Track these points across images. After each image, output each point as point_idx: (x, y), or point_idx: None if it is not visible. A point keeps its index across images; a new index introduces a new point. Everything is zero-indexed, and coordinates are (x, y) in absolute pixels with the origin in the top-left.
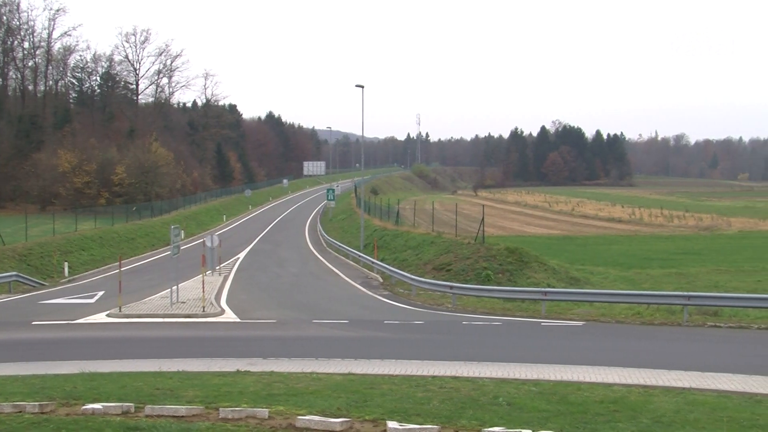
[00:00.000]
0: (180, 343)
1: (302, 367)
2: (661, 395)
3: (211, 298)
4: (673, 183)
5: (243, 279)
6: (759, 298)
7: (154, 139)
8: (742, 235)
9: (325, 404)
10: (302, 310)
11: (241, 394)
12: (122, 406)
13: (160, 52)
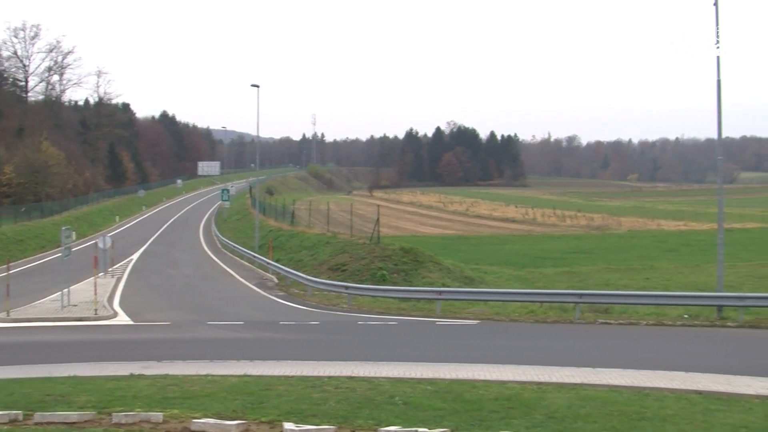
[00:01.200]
0: (71, 347)
1: (197, 370)
2: (554, 391)
3: (103, 301)
4: (566, 183)
5: (136, 281)
6: (648, 295)
7: (44, 138)
8: (631, 234)
9: (221, 407)
10: (197, 311)
11: (135, 398)
12: (9, 414)
13: (50, 49)
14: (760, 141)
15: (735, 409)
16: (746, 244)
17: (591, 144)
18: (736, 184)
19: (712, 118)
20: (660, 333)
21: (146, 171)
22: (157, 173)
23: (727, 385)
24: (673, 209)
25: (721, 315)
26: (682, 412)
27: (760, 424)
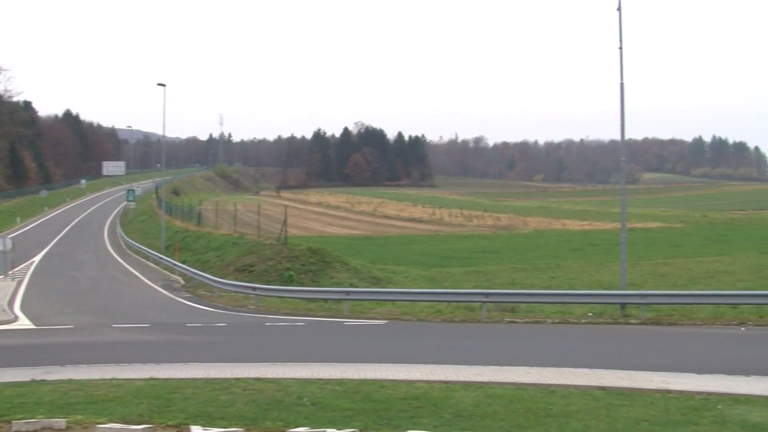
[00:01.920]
0: None
1: (102, 374)
2: (462, 390)
3: (3, 305)
4: (473, 184)
5: (38, 284)
6: (553, 294)
7: None
8: (537, 234)
9: (126, 411)
10: (101, 314)
11: (37, 404)
12: None
13: None
14: (661, 143)
15: (637, 403)
16: (648, 243)
17: (498, 145)
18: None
19: (615, 120)
20: (565, 331)
21: (49, 171)
22: (61, 173)
23: (629, 380)
24: (577, 209)
25: (625, 312)
26: (586, 408)
27: (660, 417)
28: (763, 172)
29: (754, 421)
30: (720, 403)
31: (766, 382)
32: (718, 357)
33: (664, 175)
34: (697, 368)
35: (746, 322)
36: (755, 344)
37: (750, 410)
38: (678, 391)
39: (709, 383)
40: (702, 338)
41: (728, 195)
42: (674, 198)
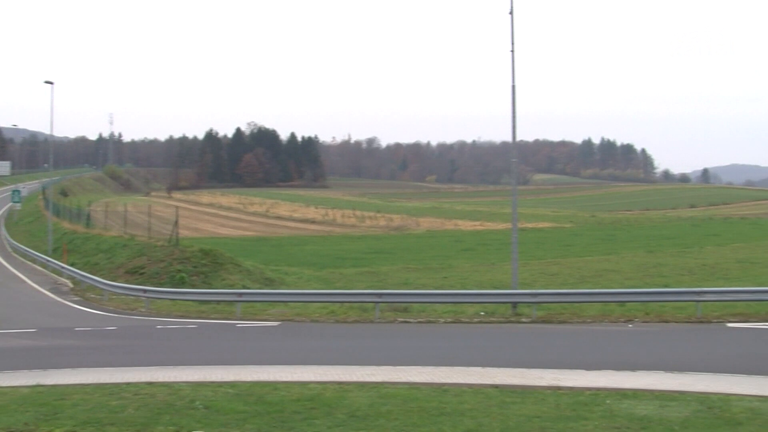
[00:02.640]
0: None
1: None
2: (356, 390)
3: None
4: (365, 185)
5: None
6: (445, 294)
7: None
8: (429, 234)
9: (11, 420)
10: None
11: None
12: None
13: None
14: (552, 144)
15: (529, 400)
16: (539, 243)
17: (391, 146)
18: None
19: (507, 122)
20: (458, 330)
21: None
22: None
23: (521, 378)
24: (469, 209)
25: (516, 311)
26: (479, 406)
27: (551, 413)
28: (649, 173)
29: (640, 414)
30: (608, 398)
31: (652, 377)
32: (606, 353)
33: (554, 176)
34: (587, 365)
35: (633, 319)
36: (641, 340)
37: (636, 404)
38: (568, 387)
39: (598, 379)
40: (591, 335)
41: (616, 195)
42: (564, 198)
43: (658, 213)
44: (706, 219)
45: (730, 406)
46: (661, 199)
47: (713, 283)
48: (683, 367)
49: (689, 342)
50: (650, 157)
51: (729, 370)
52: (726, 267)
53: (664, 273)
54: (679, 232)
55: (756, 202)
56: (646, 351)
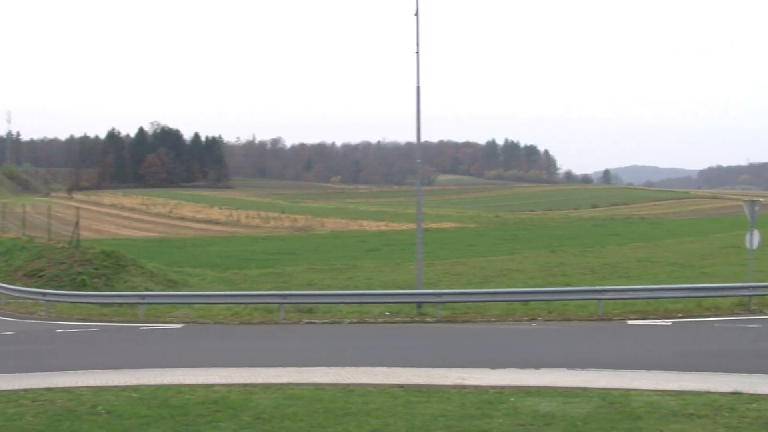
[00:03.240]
0: None
1: None
2: (261, 392)
3: None
4: (270, 185)
5: None
6: (350, 294)
7: None
8: (334, 235)
9: None
10: None
11: None
12: None
13: None
14: (456, 145)
15: (434, 399)
16: (443, 243)
17: (295, 146)
18: (434, 186)
19: (412, 123)
20: (363, 330)
21: None
22: None
23: (426, 377)
24: (374, 210)
25: (421, 311)
26: (385, 406)
27: (456, 412)
28: (552, 174)
29: (544, 411)
30: (513, 396)
31: (555, 374)
32: (510, 352)
33: (458, 176)
34: (491, 363)
35: (536, 318)
36: (545, 339)
37: (540, 401)
38: (473, 386)
39: (503, 377)
40: (495, 334)
41: (520, 196)
42: (468, 199)
43: (560, 213)
44: (607, 219)
45: (631, 401)
46: (564, 200)
47: (614, 282)
48: (585, 364)
49: (591, 339)
50: (553, 158)
51: (629, 366)
52: (626, 266)
53: (567, 272)
54: (581, 231)
55: (655, 203)
56: (550, 349)
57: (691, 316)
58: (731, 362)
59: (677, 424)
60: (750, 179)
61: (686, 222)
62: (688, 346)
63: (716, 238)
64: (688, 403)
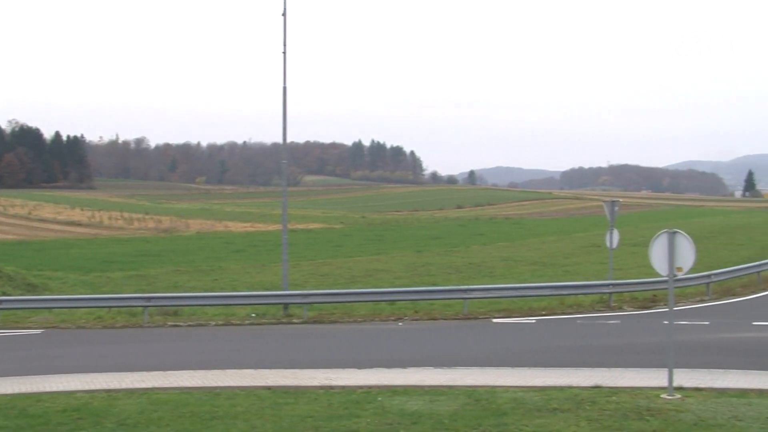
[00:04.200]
0: None
1: None
2: (125, 398)
3: None
4: (134, 186)
5: None
6: (216, 296)
7: None
8: (199, 236)
9: None
10: None
11: None
12: None
13: None
14: (322, 146)
15: (302, 400)
16: (309, 244)
17: (160, 146)
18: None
19: (278, 123)
20: (229, 333)
21: None
22: None
23: (293, 378)
24: (240, 211)
25: (288, 312)
26: (252, 408)
27: (324, 413)
28: (418, 175)
29: (411, 409)
30: (380, 395)
31: (422, 373)
32: (377, 352)
33: (324, 177)
34: (358, 363)
35: (403, 318)
36: (411, 338)
37: (407, 400)
38: (341, 386)
39: (370, 377)
40: (362, 334)
41: (386, 197)
42: (334, 200)
43: (426, 214)
44: (472, 219)
45: (496, 398)
46: (430, 200)
47: (479, 281)
48: (452, 363)
49: (457, 338)
50: (419, 160)
51: (495, 364)
52: (491, 265)
53: (432, 272)
54: (446, 232)
55: (519, 203)
56: (416, 348)
57: (555, 314)
58: (592, 357)
59: (541, 419)
60: (610, 180)
61: (549, 222)
62: (551, 342)
63: (578, 238)
64: (551, 398)
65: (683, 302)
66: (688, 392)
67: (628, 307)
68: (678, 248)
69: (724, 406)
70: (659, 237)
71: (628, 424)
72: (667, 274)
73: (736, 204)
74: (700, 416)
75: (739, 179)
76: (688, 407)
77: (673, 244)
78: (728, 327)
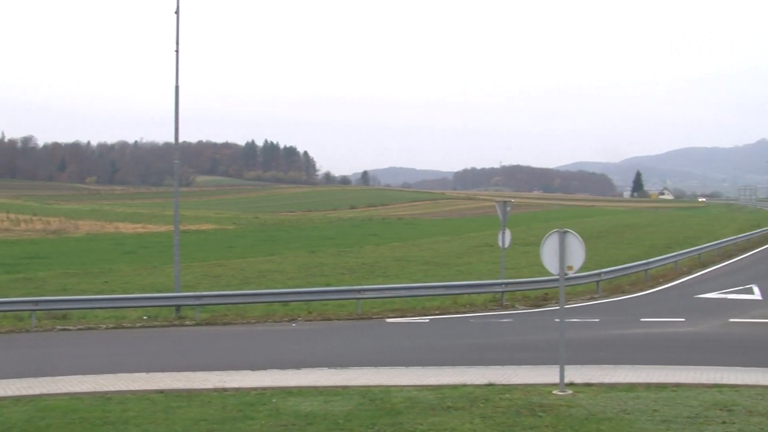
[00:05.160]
0: None
1: None
2: (11, 405)
3: None
4: (21, 186)
5: None
6: (106, 299)
7: None
8: (89, 237)
9: None
10: None
11: None
12: None
13: None
14: (215, 146)
15: (195, 403)
16: (202, 245)
17: (48, 145)
18: (192, 187)
19: (170, 123)
20: (120, 336)
21: None
22: None
23: (186, 381)
24: (131, 212)
25: (180, 314)
26: (144, 413)
27: (217, 415)
28: (312, 175)
29: (305, 410)
30: (274, 397)
31: (316, 374)
32: (271, 353)
33: (217, 177)
34: (252, 365)
35: (297, 318)
36: (305, 339)
37: (302, 401)
38: (234, 388)
39: (264, 378)
40: (256, 336)
41: (279, 197)
42: (227, 200)
43: (319, 214)
44: (365, 219)
45: (391, 397)
46: (323, 201)
47: (372, 281)
48: (346, 363)
49: (351, 338)
50: (312, 160)
51: (389, 363)
52: (384, 265)
53: (326, 272)
54: (339, 232)
55: (412, 203)
56: (310, 349)
57: (448, 313)
58: (486, 356)
59: (436, 417)
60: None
61: (442, 222)
62: (445, 341)
63: (470, 237)
64: (445, 396)
65: (574, 300)
66: (579, 388)
67: (520, 305)
68: (568, 247)
69: (614, 400)
70: (550, 236)
71: (521, 421)
72: (558, 272)
73: (624, 204)
74: (591, 411)
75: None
76: (579, 402)
77: (564, 244)
78: (617, 324)
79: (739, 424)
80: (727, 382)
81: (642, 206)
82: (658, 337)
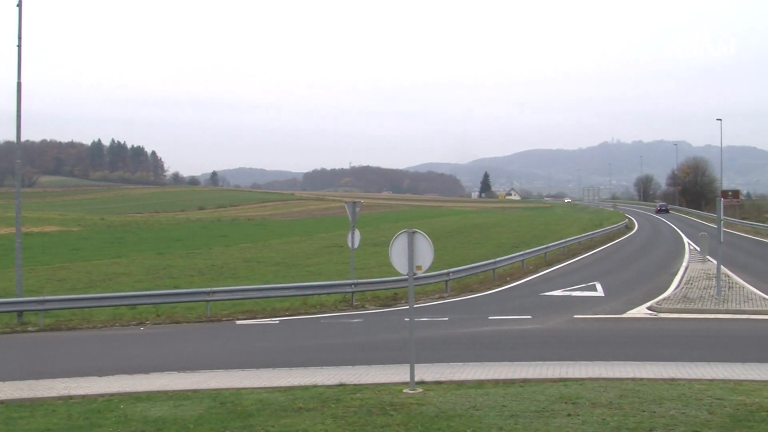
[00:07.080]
0: None
1: None
2: None
3: None
4: None
5: None
6: None
7: None
8: None
9: None
10: None
11: None
12: None
13: None
14: (60, 145)
15: (38, 413)
16: (45, 248)
17: None
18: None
19: (11, 121)
20: None
21: None
22: None
23: (29, 390)
24: None
25: (22, 320)
26: None
27: (63, 425)
28: (160, 176)
29: (155, 416)
30: (123, 403)
31: (166, 378)
32: (119, 358)
33: (62, 178)
34: (99, 371)
35: (145, 322)
36: (154, 342)
37: (151, 406)
38: (80, 395)
39: (112, 384)
40: (103, 341)
41: (126, 198)
42: (73, 201)
43: (167, 215)
44: (214, 220)
45: (242, 400)
46: (171, 202)
47: (222, 283)
48: (196, 366)
49: (201, 341)
50: (160, 160)
51: (240, 366)
52: (234, 267)
53: (175, 274)
54: (188, 233)
55: (261, 204)
56: (159, 353)
57: (298, 314)
58: (337, 356)
59: (287, 419)
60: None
61: (292, 222)
62: (296, 342)
63: (320, 238)
64: (297, 397)
65: (424, 299)
66: (430, 386)
67: (370, 305)
68: (417, 248)
69: (464, 397)
70: (399, 237)
71: (373, 420)
72: (407, 272)
73: (472, 204)
74: (441, 408)
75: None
76: (429, 400)
77: (413, 244)
78: (466, 322)
79: (583, 416)
80: (572, 376)
81: (490, 206)
82: (505, 335)
